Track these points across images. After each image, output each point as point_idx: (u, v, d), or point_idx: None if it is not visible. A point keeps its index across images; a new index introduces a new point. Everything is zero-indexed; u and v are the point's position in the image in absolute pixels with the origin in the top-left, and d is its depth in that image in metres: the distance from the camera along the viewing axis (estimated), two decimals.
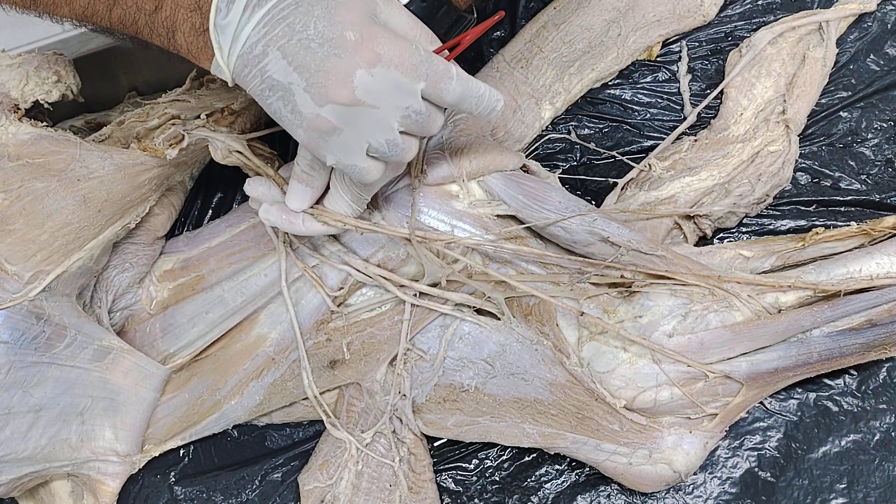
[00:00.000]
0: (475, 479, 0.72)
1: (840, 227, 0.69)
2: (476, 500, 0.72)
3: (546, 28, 0.75)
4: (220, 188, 0.80)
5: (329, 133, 0.48)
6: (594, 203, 0.74)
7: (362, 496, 0.69)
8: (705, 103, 0.74)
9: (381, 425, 0.69)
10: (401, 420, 0.69)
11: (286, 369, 0.70)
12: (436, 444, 0.73)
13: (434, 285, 0.67)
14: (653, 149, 0.74)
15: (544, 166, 0.73)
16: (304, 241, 0.69)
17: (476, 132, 0.70)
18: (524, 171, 0.69)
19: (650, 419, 0.66)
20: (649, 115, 0.76)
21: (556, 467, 0.72)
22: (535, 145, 0.76)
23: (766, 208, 0.73)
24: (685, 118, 0.75)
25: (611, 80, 0.77)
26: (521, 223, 0.68)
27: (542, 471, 0.72)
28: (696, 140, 0.73)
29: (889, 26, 0.75)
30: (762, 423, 0.71)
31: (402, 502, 0.69)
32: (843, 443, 0.70)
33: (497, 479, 0.72)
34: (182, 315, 0.72)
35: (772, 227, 0.74)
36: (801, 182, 0.74)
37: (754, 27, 0.76)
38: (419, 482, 0.70)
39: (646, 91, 0.77)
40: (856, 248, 0.68)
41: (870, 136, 0.74)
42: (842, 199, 0.74)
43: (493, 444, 0.72)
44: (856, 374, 0.71)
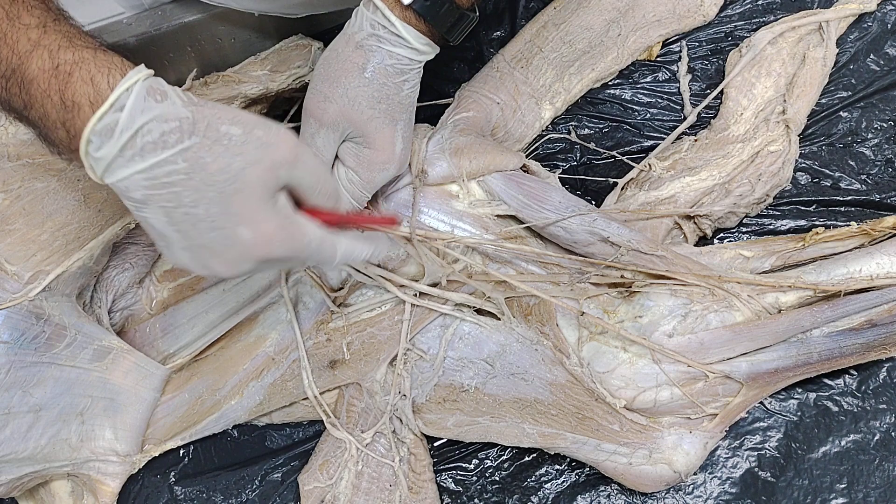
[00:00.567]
0: (475, 479, 0.72)
1: (840, 227, 0.69)
2: (476, 500, 0.72)
3: (546, 28, 0.75)
4: None
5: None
6: (594, 203, 0.74)
7: (362, 496, 0.69)
8: (705, 103, 0.74)
9: (381, 425, 0.69)
10: (401, 420, 0.69)
11: (286, 369, 0.70)
12: (436, 444, 0.73)
13: (434, 285, 0.67)
14: (653, 149, 0.74)
15: (544, 166, 0.73)
16: None
17: (476, 132, 0.70)
18: (524, 171, 0.69)
19: (650, 419, 0.66)
20: (649, 115, 0.76)
21: (556, 467, 0.72)
22: (535, 145, 0.76)
23: (766, 208, 0.73)
24: (685, 118, 0.75)
25: (611, 80, 0.77)
26: (521, 223, 0.68)
27: (542, 471, 0.72)
28: (696, 140, 0.73)
29: (889, 26, 0.75)
30: (762, 423, 0.71)
31: (402, 502, 0.69)
32: (843, 443, 0.70)
33: (497, 479, 0.72)
34: (182, 315, 0.72)
35: (772, 227, 0.74)
36: (801, 182, 0.74)
37: (754, 27, 0.76)
38: (419, 482, 0.70)
39: (646, 91, 0.77)
40: (856, 248, 0.68)
41: (870, 136, 0.74)
42: (842, 199, 0.74)
43: (493, 444, 0.72)
44: (856, 374, 0.71)
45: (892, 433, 0.69)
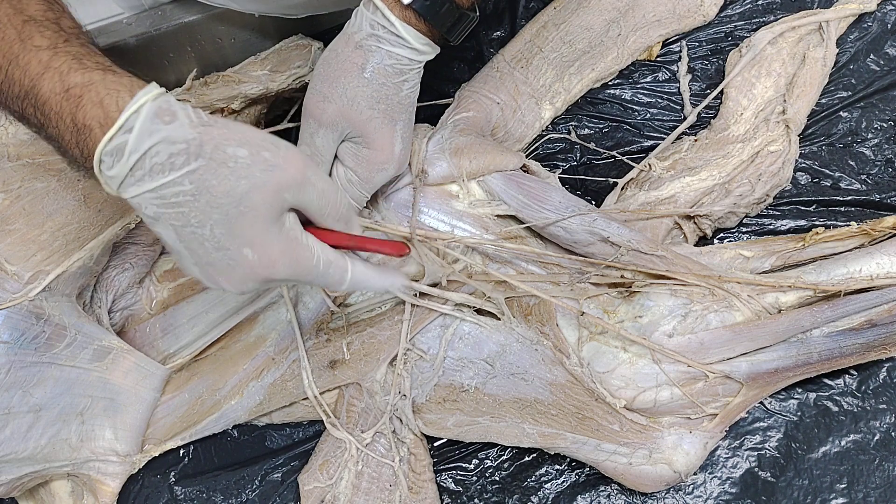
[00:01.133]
0: (475, 479, 0.72)
1: (840, 227, 0.69)
2: (476, 500, 0.72)
3: (546, 28, 0.75)
4: None
5: None
6: (594, 203, 0.74)
7: (362, 496, 0.69)
8: (705, 103, 0.74)
9: (381, 425, 0.69)
10: (401, 420, 0.69)
11: (286, 369, 0.70)
12: (436, 444, 0.73)
13: (434, 285, 0.67)
14: (653, 149, 0.74)
15: (544, 166, 0.73)
16: None
17: (476, 132, 0.70)
18: (524, 171, 0.69)
19: (650, 419, 0.66)
20: (649, 115, 0.76)
21: (556, 467, 0.72)
22: (535, 145, 0.76)
23: (766, 208, 0.73)
24: (685, 118, 0.75)
25: (611, 80, 0.77)
26: (521, 223, 0.68)
27: (542, 471, 0.72)
28: (696, 140, 0.73)
29: (889, 26, 0.75)
30: (762, 423, 0.71)
31: (402, 502, 0.69)
32: (843, 443, 0.70)
33: (497, 479, 0.72)
34: (182, 315, 0.72)
35: (772, 227, 0.74)
36: (801, 182, 0.74)
37: (754, 27, 0.76)
38: (419, 482, 0.70)
39: (646, 91, 0.77)
40: (856, 248, 0.68)
41: (870, 136, 0.74)
42: (842, 199, 0.74)
43: (493, 444, 0.72)
44: (856, 374, 0.71)
45: (892, 433, 0.69)
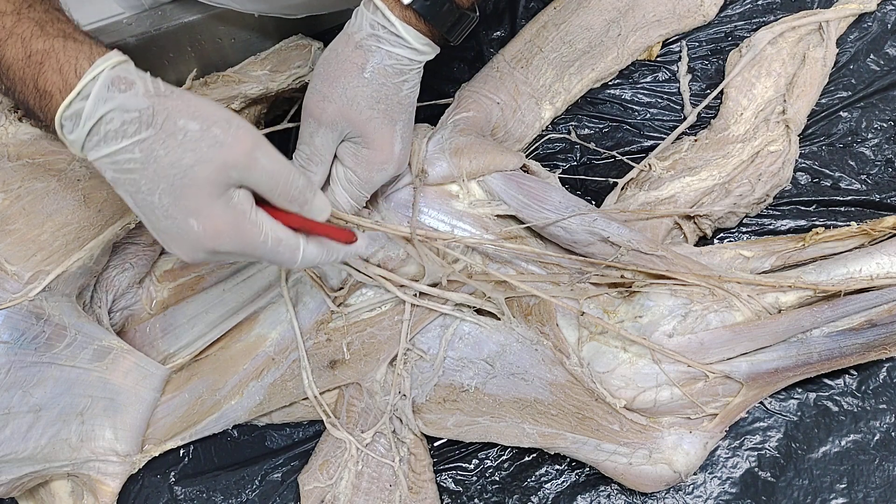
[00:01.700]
0: (475, 479, 0.72)
1: (840, 227, 0.69)
2: (476, 500, 0.72)
3: (546, 28, 0.75)
4: None
5: None
6: (594, 203, 0.74)
7: (362, 496, 0.69)
8: (705, 103, 0.74)
9: (381, 425, 0.69)
10: (401, 420, 0.69)
11: (286, 369, 0.70)
12: (436, 444, 0.73)
13: (434, 285, 0.67)
14: (653, 149, 0.74)
15: (544, 166, 0.73)
16: None
17: (476, 132, 0.70)
18: (524, 171, 0.69)
19: (650, 419, 0.66)
20: (649, 115, 0.76)
21: (556, 467, 0.72)
22: (535, 145, 0.76)
23: (766, 208, 0.73)
24: (685, 118, 0.75)
25: (611, 80, 0.77)
26: (521, 223, 0.68)
27: (542, 471, 0.72)
28: (696, 140, 0.73)
29: (889, 26, 0.75)
30: (762, 423, 0.71)
31: (402, 502, 0.69)
32: (843, 443, 0.70)
33: (497, 479, 0.72)
34: (182, 315, 0.72)
35: (772, 227, 0.74)
36: (801, 182, 0.74)
37: (754, 27, 0.76)
38: (419, 482, 0.70)
39: (646, 91, 0.77)
40: (856, 248, 0.68)
41: (870, 136, 0.74)
42: (842, 199, 0.74)
43: (493, 444, 0.72)
44: (856, 374, 0.71)
45: (892, 433, 0.69)
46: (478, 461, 0.72)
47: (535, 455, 0.72)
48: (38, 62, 0.45)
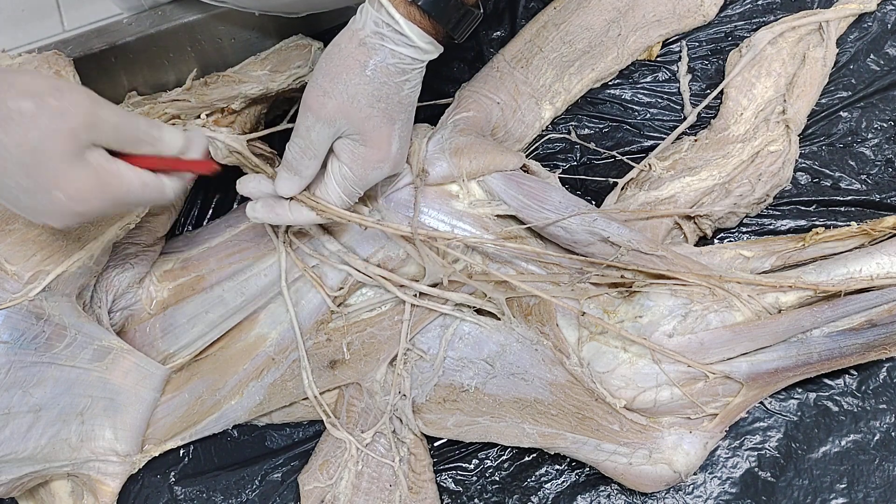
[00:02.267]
0: (475, 479, 0.72)
1: (840, 227, 0.69)
2: (476, 500, 0.72)
3: (546, 28, 0.75)
4: (220, 188, 0.80)
5: None
6: (594, 203, 0.74)
7: (362, 496, 0.69)
8: (705, 103, 0.74)
9: (381, 425, 0.69)
10: (401, 420, 0.69)
11: (286, 369, 0.70)
12: (436, 444, 0.73)
13: (434, 285, 0.67)
14: (653, 149, 0.74)
15: (544, 166, 0.73)
16: (304, 240, 0.69)
17: (476, 132, 0.70)
18: (524, 171, 0.69)
19: (650, 419, 0.66)
20: (649, 115, 0.76)
21: (556, 467, 0.72)
22: (535, 145, 0.76)
23: (767, 208, 0.73)
24: (685, 118, 0.75)
25: (611, 80, 0.77)
26: (521, 223, 0.68)
27: (542, 471, 0.72)
28: (696, 140, 0.73)
29: (889, 26, 0.75)
30: (762, 423, 0.71)
31: (402, 502, 0.69)
32: (843, 443, 0.70)
33: (497, 479, 0.72)
34: (182, 315, 0.72)
35: (772, 227, 0.74)
36: (801, 182, 0.74)
37: (754, 27, 0.76)
38: (419, 482, 0.70)
39: (646, 91, 0.77)
40: (856, 248, 0.68)
41: (870, 136, 0.74)
42: (842, 199, 0.74)
43: (493, 444, 0.72)
44: (856, 374, 0.71)
45: (892, 433, 0.69)
46: (478, 461, 0.72)
47: (535, 455, 0.72)
48: None
